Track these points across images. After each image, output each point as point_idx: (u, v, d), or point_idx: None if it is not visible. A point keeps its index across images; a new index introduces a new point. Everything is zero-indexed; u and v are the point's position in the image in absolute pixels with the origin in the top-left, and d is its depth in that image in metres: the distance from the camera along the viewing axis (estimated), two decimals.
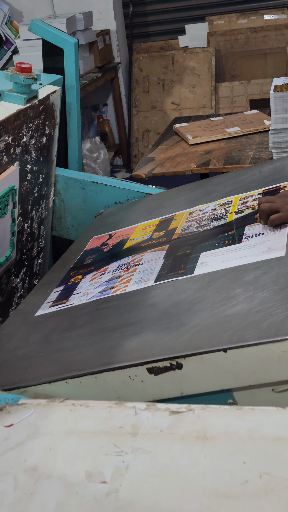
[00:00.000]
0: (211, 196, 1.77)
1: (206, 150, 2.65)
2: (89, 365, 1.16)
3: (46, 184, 2.02)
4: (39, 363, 1.26)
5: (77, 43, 2.20)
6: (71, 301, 1.49)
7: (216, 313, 1.15)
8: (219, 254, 1.39)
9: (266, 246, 1.33)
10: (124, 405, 0.95)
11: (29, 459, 0.88)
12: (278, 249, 1.29)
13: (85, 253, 1.77)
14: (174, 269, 1.42)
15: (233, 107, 4.88)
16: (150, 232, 1.71)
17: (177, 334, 1.13)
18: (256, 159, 2.44)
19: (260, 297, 1.13)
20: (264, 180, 1.72)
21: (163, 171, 2.52)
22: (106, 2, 4.93)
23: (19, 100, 1.73)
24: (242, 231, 1.45)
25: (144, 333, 1.20)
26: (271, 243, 1.33)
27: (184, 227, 1.63)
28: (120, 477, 0.82)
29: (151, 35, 5.27)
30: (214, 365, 1.05)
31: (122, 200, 2.10)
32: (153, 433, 0.88)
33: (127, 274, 1.50)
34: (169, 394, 1.10)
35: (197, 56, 5.00)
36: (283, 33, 4.83)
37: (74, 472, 0.85)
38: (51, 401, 0.99)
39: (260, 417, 0.86)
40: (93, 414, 0.94)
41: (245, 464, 0.79)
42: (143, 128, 5.17)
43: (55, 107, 1.94)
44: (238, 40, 4.92)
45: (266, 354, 1.00)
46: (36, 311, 1.52)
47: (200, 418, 0.89)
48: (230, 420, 0.87)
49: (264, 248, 1.33)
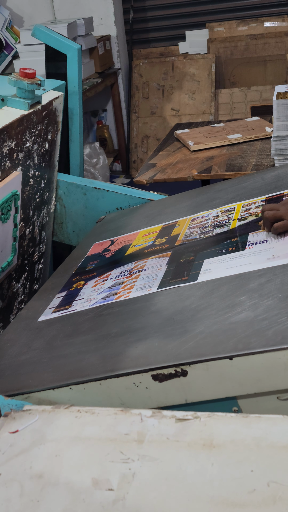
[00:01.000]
0: (213, 203, 1.77)
1: (208, 157, 2.66)
2: (93, 371, 1.16)
3: (48, 189, 2.02)
4: (42, 369, 1.26)
5: (80, 49, 2.21)
6: (73, 307, 1.49)
7: (221, 320, 1.15)
8: (222, 261, 1.39)
9: (270, 254, 1.33)
10: (129, 412, 0.95)
11: (35, 466, 0.88)
12: (283, 256, 1.29)
13: (87, 259, 1.77)
14: (177, 275, 1.41)
15: (232, 114, 4.89)
16: (152, 239, 1.71)
17: (181, 341, 1.13)
18: (258, 166, 2.45)
19: (265, 305, 1.13)
20: (266, 187, 1.73)
21: (164, 177, 2.53)
22: (106, 8, 4.95)
23: (23, 106, 1.73)
24: (245, 238, 1.45)
25: (148, 339, 1.19)
26: (275, 250, 1.33)
27: (186, 234, 1.63)
28: (126, 485, 0.82)
29: (151, 41, 5.29)
30: (219, 372, 1.04)
31: (124, 206, 2.10)
32: (160, 440, 0.88)
33: (130, 281, 1.50)
34: (174, 401, 1.10)
35: (197, 63, 5.01)
36: (283, 40, 4.84)
37: (81, 479, 0.84)
38: (56, 408, 0.99)
39: (266, 425, 0.86)
40: (98, 421, 0.94)
41: (253, 472, 0.79)
42: (142, 134, 5.18)
43: (58, 113, 1.95)
44: (238, 47, 4.94)
45: (272, 362, 1.00)
46: (39, 317, 1.52)
47: (206, 426, 0.88)
48: (237, 428, 0.87)
49: (268, 255, 1.33)
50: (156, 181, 2.53)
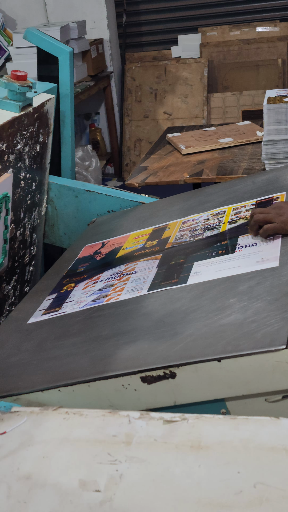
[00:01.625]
0: (204, 206, 1.78)
1: (199, 160, 2.66)
2: (82, 374, 1.16)
3: (39, 191, 2.02)
4: (32, 371, 1.26)
5: (72, 52, 2.21)
6: (63, 309, 1.49)
7: (211, 322, 1.15)
8: (212, 263, 1.39)
9: (260, 257, 1.33)
10: (118, 413, 0.95)
11: (22, 467, 0.88)
12: (272, 259, 1.30)
13: (78, 261, 1.77)
14: (167, 278, 1.42)
15: (225, 118, 4.90)
16: (143, 241, 1.71)
17: (171, 343, 1.14)
18: (249, 169, 2.46)
19: (254, 307, 1.13)
20: (257, 190, 1.73)
21: (156, 181, 2.53)
22: (99, 11, 4.95)
23: (14, 108, 1.73)
24: (235, 241, 1.45)
25: (138, 341, 1.20)
26: (265, 253, 1.34)
27: (177, 237, 1.63)
28: (114, 486, 0.82)
29: (144, 45, 5.30)
30: (208, 374, 1.05)
31: (115, 209, 2.10)
32: (147, 442, 0.88)
33: (120, 283, 1.50)
34: (163, 403, 1.10)
35: (190, 67, 5.02)
36: (275, 45, 4.87)
37: (68, 480, 0.84)
38: (45, 409, 0.99)
39: (254, 427, 0.86)
40: (87, 423, 0.94)
41: (240, 473, 0.80)
42: (135, 137, 5.18)
43: (49, 115, 1.95)
44: (231, 52, 4.95)
45: (260, 364, 1.01)
46: (29, 319, 1.51)
47: (194, 428, 0.89)
48: (225, 429, 0.87)
49: (257, 258, 1.33)
50: (148, 184, 2.54)
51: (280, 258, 1.29)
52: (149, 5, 5.14)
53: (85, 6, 4.94)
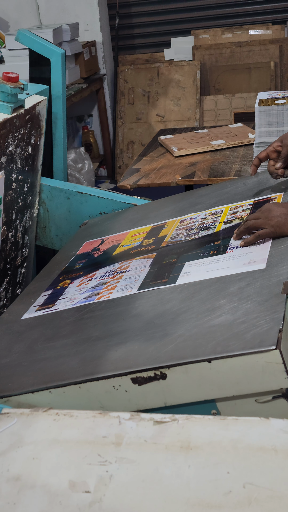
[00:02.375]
0: (196, 208, 1.78)
1: (191, 162, 2.67)
2: (73, 375, 1.16)
3: (31, 193, 2.02)
4: (22, 372, 1.26)
5: (64, 53, 2.21)
6: (56, 306, 1.49)
7: (201, 323, 1.15)
8: (202, 264, 1.40)
9: (248, 258, 1.34)
10: (108, 414, 0.95)
11: (12, 469, 0.88)
12: (260, 261, 1.30)
13: (77, 258, 1.78)
14: (157, 277, 1.42)
15: (217, 120, 4.91)
16: (140, 239, 1.72)
17: (161, 344, 1.14)
18: (241, 171, 2.46)
19: (244, 308, 1.14)
20: (248, 192, 1.74)
21: (148, 182, 2.53)
22: (92, 13, 4.96)
23: (5, 109, 1.73)
24: (228, 241, 1.46)
25: (128, 343, 1.20)
26: (254, 255, 1.34)
27: (173, 235, 1.64)
28: (103, 487, 0.82)
29: (137, 47, 5.31)
30: (198, 375, 1.05)
31: (107, 211, 2.10)
32: (137, 443, 0.88)
33: (113, 281, 1.51)
34: (153, 404, 1.10)
35: (182, 69, 5.03)
36: (267, 48, 4.88)
37: (58, 481, 0.84)
38: (35, 411, 0.99)
39: (243, 427, 0.86)
40: (77, 424, 0.94)
41: (229, 474, 0.80)
42: (127, 139, 5.19)
43: (41, 117, 1.95)
44: (223, 54, 4.97)
45: (250, 365, 1.01)
46: (21, 317, 1.52)
47: (184, 428, 0.89)
48: (214, 430, 0.87)
49: (246, 260, 1.34)
50: (140, 186, 2.54)
51: (269, 259, 1.29)
52: (142, 8, 5.15)
53: (77, 9, 4.94)
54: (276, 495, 0.76)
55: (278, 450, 0.81)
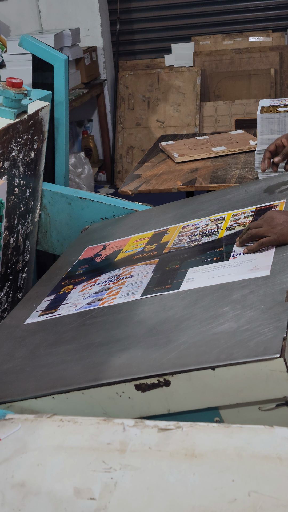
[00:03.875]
0: (197, 214, 1.79)
1: (192, 169, 2.68)
2: (76, 381, 1.16)
3: (33, 198, 2.02)
4: (25, 378, 1.26)
5: (67, 59, 2.22)
6: (59, 311, 1.50)
7: (204, 330, 1.15)
8: (206, 270, 1.40)
9: (252, 265, 1.34)
10: (112, 421, 0.95)
11: (16, 475, 0.88)
12: (264, 268, 1.31)
13: (79, 263, 1.78)
14: (161, 283, 1.43)
15: (217, 127, 4.92)
16: (142, 245, 1.72)
17: (165, 351, 1.14)
18: (242, 178, 2.47)
19: (247, 316, 1.14)
20: (250, 199, 1.74)
21: (149, 188, 2.54)
22: (93, 19, 4.97)
23: (9, 115, 1.73)
24: (230, 248, 1.46)
25: (131, 349, 1.20)
26: (257, 262, 1.35)
27: (175, 241, 1.64)
28: (108, 494, 0.82)
29: (137, 53, 5.32)
30: (202, 382, 1.05)
31: (108, 216, 2.10)
32: (142, 450, 0.88)
33: (116, 287, 1.51)
34: (156, 411, 1.10)
35: (182, 75, 5.05)
36: (267, 55, 4.90)
37: (62, 488, 0.84)
38: (39, 417, 0.99)
39: (248, 436, 0.87)
40: (81, 430, 0.94)
41: (234, 482, 0.80)
42: (127, 144, 5.20)
43: (44, 122, 1.95)
44: (223, 61, 4.98)
45: (254, 373, 1.01)
46: (24, 322, 1.52)
47: (188, 436, 0.89)
48: (219, 438, 0.87)
49: (250, 266, 1.34)
50: (141, 192, 2.54)
51: (272, 267, 1.30)
52: (142, 14, 5.17)
53: (79, 14, 4.95)
54: (281, 503, 0.76)
55: (283, 458, 0.82)
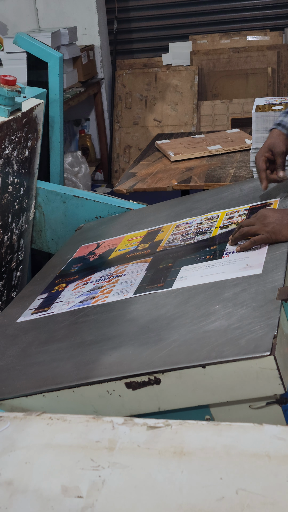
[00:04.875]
0: (192, 213, 1.78)
1: (187, 167, 2.67)
2: (66, 379, 1.16)
3: (27, 197, 2.02)
4: (16, 376, 1.25)
5: (62, 57, 2.21)
6: (52, 309, 1.49)
7: (195, 329, 1.15)
8: (199, 268, 1.40)
9: (245, 263, 1.34)
10: (101, 419, 0.95)
11: (4, 473, 0.87)
12: (256, 266, 1.30)
13: (72, 261, 1.78)
14: (153, 282, 1.42)
15: (214, 126, 4.92)
16: (136, 243, 1.71)
17: (155, 349, 1.14)
18: (237, 177, 2.47)
19: (239, 314, 1.14)
20: (244, 198, 1.74)
21: (144, 187, 2.53)
22: (91, 18, 4.97)
23: (3, 112, 1.73)
24: (224, 246, 1.46)
25: (122, 347, 1.20)
26: (250, 260, 1.34)
27: (169, 240, 1.64)
28: (96, 492, 0.82)
29: (134, 52, 5.31)
30: (192, 380, 1.05)
31: (103, 215, 2.10)
32: (130, 448, 0.88)
33: (108, 285, 1.51)
34: (147, 409, 1.10)
35: (180, 74, 5.04)
36: (265, 54, 4.90)
37: (50, 486, 0.84)
38: (28, 415, 0.99)
39: (237, 433, 0.86)
40: (70, 428, 0.94)
41: (222, 480, 0.80)
42: (124, 143, 5.19)
43: (38, 120, 1.95)
44: (221, 60, 4.98)
45: (244, 371, 1.01)
46: (16, 320, 1.52)
47: (177, 434, 0.88)
48: (207, 435, 0.87)
49: (242, 265, 1.34)
50: (136, 191, 2.54)
51: (265, 265, 1.29)
52: (140, 13, 5.16)
53: (76, 13, 4.95)
54: (268, 501, 0.76)
55: (271, 456, 0.81)
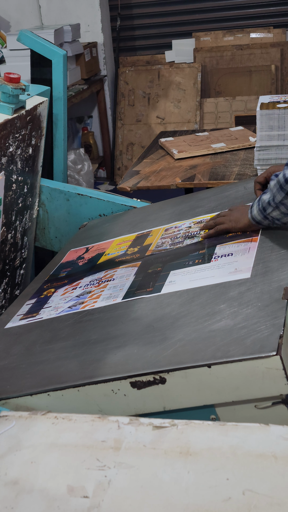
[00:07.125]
0: (196, 211, 1.78)
1: (191, 165, 2.67)
2: (71, 378, 1.16)
3: (31, 194, 2.02)
4: (20, 374, 1.25)
5: (66, 55, 2.21)
6: (40, 315, 1.49)
7: (200, 328, 1.15)
8: (188, 273, 1.40)
9: (233, 267, 1.33)
10: (107, 419, 0.94)
11: (10, 472, 0.87)
12: (245, 270, 1.30)
13: (61, 266, 1.77)
14: (143, 286, 1.42)
15: (217, 123, 4.91)
16: (125, 247, 1.71)
17: (160, 348, 1.13)
18: (241, 175, 2.46)
19: (244, 313, 1.13)
20: (248, 196, 1.74)
21: (148, 185, 2.53)
22: (94, 15, 4.96)
23: (7, 110, 1.73)
24: (212, 250, 1.46)
25: (127, 346, 1.19)
26: (239, 264, 1.34)
27: (158, 244, 1.63)
28: (102, 492, 0.81)
29: (137, 49, 5.30)
30: (198, 380, 1.05)
31: (107, 213, 2.10)
32: (136, 447, 0.88)
33: (97, 290, 1.50)
34: (152, 409, 1.10)
35: (183, 71, 5.03)
36: (268, 51, 4.88)
37: (56, 486, 0.84)
38: (33, 414, 0.99)
39: (243, 434, 0.86)
40: (75, 428, 0.94)
41: (228, 480, 0.79)
42: (127, 141, 5.19)
43: (42, 118, 1.94)
44: (224, 57, 4.97)
45: (250, 371, 1.01)
46: (3, 328, 1.51)
47: (183, 434, 0.88)
48: (214, 436, 0.87)
49: (231, 269, 1.33)
50: (140, 189, 2.53)
51: (267, 264, 1.29)
52: (143, 10, 5.15)
53: (79, 10, 4.94)
54: (275, 502, 0.75)
55: (278, 456, 0.81)
